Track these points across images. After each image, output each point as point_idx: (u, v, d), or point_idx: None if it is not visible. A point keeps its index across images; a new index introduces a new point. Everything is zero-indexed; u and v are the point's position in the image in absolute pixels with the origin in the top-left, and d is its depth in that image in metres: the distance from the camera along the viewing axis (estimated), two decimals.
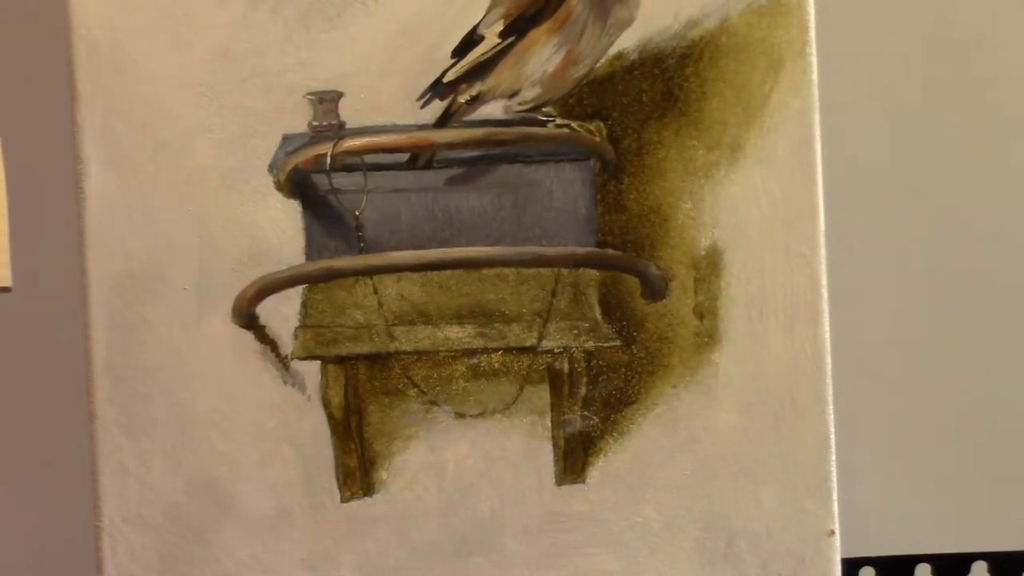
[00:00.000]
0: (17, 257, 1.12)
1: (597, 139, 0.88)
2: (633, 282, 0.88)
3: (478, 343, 0.88)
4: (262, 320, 0.88)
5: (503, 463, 0.88)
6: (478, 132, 0.88)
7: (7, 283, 0.84)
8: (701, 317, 0.88)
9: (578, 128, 0.88)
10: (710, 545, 0.88)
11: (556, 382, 0.88)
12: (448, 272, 0.88)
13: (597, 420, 0.88)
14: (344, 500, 0.88)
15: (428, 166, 0.88)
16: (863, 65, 1.29)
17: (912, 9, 1.31)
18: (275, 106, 0.87)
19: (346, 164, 0.88)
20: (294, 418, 0.88)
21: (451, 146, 0.88)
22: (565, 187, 0.88)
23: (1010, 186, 1.32)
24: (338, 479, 0.88)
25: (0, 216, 0.83)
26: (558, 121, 0.88)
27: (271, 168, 0.87)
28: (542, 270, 0.88)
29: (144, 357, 0.87)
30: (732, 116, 0.87)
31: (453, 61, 0.87)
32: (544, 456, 0.88)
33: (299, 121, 0.87)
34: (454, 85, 0.87)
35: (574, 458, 0.88)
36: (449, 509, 0.88)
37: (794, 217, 0.87)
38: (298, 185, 0.88)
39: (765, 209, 0.88)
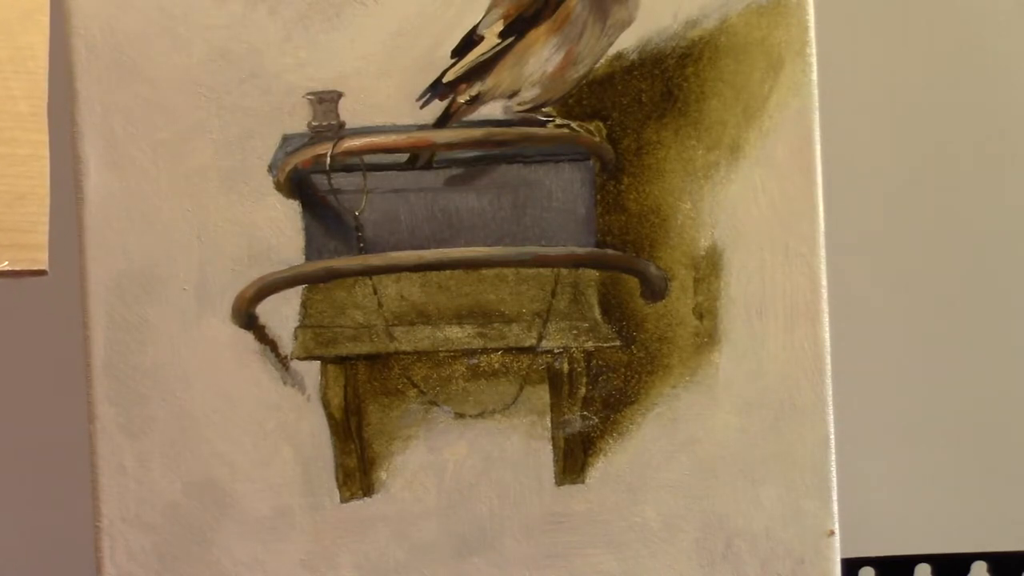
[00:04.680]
0: None
1: (597, 139, 0.88)
2: (633, 282, 0.88)
3: (478, 343, 0.88)
4: (262, 320, 0.88)
5: (503, 463, 0.88)
6: (478, 132, 0.88)
7: (43, 266, 0.82)
8: (701, 317, 0.88)
9: (578, 128, 0.88)
10: (709, 545, 0.88)
11: (556, 382, 0.88)
12: (447, 272, 0.88)
13: (597, 420, 0.88)
14: (344, 500, 0.88)
15: (427, 166, 0.88)
16: (863, 65, 1.29)
17: (912, 9, 1.31)
18: (274, 106, 0.87)
19: (346, 164, 0.88)
20: (294, 418, 0.88)
21: (451, 146, 0.88)
22: (564, 187, 0.88)
23: (1011, 186, 1.32)
24: (338, 479, 0.88)
25: (41, 197, 0.82)
26: (558, 121, 0.88)
27: (270, 168, 0.87)
28: (541, 270, 0.88)
29: (143, 357, 0.87)
30: (731, 116, 0.87)
31: (452, 61, 0.87)
32: (544, 456, 0.88)
33: (298, 121, 0.87)
34: (453, 85, 0.87)
35: (574, 458, 0.88)
36: (448, 509, 0.88)
37: (793, 217, 0.87)
38: (297, 185, 0.88)
39: (764, 209, 0.88)
